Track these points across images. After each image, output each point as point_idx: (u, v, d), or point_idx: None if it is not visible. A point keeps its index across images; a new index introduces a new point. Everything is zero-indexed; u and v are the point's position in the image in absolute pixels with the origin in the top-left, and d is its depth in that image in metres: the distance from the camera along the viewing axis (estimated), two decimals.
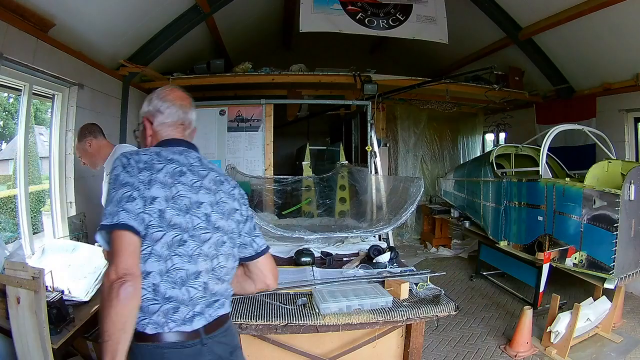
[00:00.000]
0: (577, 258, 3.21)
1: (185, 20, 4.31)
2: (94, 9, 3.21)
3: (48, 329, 1.91)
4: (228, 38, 5.47)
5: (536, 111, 5.77)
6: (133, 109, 4.68)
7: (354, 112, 5.80)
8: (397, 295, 1.95)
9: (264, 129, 4.90)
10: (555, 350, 2.98)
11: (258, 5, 5.51)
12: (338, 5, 4.41)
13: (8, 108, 3.16)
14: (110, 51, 3.84)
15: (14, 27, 2.59)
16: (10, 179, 3.03)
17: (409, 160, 7.23)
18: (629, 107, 4.44)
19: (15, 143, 2.94)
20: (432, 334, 3.31)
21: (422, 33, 4.60)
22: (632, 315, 3.62)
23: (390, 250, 2.57)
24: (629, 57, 4.10)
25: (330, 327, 1.77)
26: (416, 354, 2.06)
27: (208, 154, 4.90)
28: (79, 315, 2.15)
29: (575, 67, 4.86)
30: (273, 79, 4.99)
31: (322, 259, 2.60)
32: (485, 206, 4.37)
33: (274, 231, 2.66)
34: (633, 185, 2.89)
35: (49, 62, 2.99)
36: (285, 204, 4.40)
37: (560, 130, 3.78)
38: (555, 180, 3.63)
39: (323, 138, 8.44)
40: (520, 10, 4.67)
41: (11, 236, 2.89)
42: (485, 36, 5.38)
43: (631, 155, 4.46)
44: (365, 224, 3.59)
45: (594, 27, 4.05)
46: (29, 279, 1.90)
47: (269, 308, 1.84)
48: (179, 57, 4.95)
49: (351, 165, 4.88)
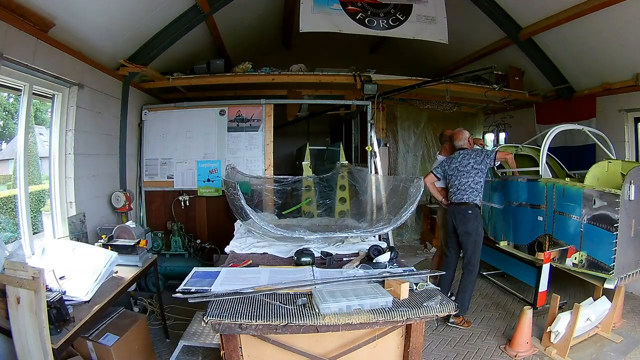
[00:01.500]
0: (577, 258, 3.21)
1: (185, 20, 4.32)
2: (94, 9, 3.21)
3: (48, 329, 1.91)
4: (228, 38, 5.48)
5: (536, 111, 5.77)
6: (133, 109, 4.69)
7: (354, 112, 5.79)
8: (397, 295, 1.95)
9: (264, 129, 4.90)
10: (555, 350, 2.98)
11: (258, 5, 5.51)
12: (338, 5, 4.41)
13: (8, 108, 3.16)
14: (110, 51, 3.84)
15: (14, 27, 2.60)
16: (10, 179, 3.03)
17: (409, 160, 7.22)
18: (629, 107, 4.44)
19: (15, 143, 2.94)
20: (432, 334, 3.32)
21: (422, 33, 4.61)
22: (632, 315, 3.62)
23: (390, 250, 2.57)
24: (629, 57, 4.10)
25: (330, 327, 1.77)
26: (416, 354, 2.05)
27: (208, 154, 4.91)
28: (79, 315, 2.15)
29: (575, 67, 4.86)
30: (273, 79, 4.99)
31: (322, 259, 2.59)
32: (486, 206, 4.37)
33: (274, 231, 2.65)
34: (633, 185, 2.89)
35: (49, 62, 2.99)
36: (285, 204, 4.40)
37: (560, 130, 3.79)
38: (555, 180, 3.63)
39: (323, 138, 8.44)
40: (520, 10, 4.67)
41: (11, 236, 2.89)
42: (485, 36, 5.38)
43: (631, 155, 4.46)
44: (365, 224, 3.59)
45: (594, 27, 4.05)
46: (29, 279, 1.90)
47: (269, 308, 1.83)
48: (179, 57, 4.96)
49: (351, 165, 4.87)
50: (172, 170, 4.91)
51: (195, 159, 4.90)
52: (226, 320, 1.73)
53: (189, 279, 2.16)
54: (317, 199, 4.49)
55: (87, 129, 3.69)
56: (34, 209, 3.07)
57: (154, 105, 5.08)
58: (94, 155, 3.89)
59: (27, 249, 2.80)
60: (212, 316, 1.74)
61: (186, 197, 4.83)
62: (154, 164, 4.92)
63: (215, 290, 1.99)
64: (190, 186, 4.90)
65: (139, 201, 4.85)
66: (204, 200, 4.90)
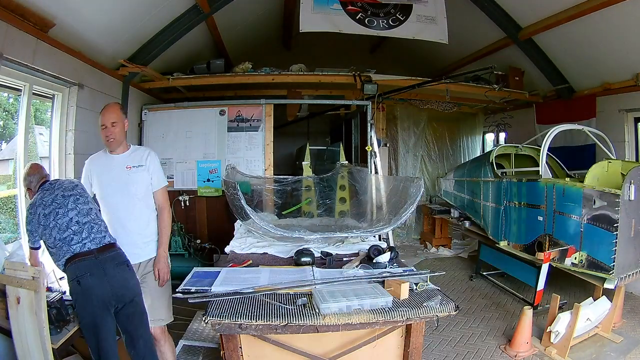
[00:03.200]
0: (577, 258, 3.21)
1: (185, 20, 4.32)
2: (94, 9, 3.21)
3: (48, 329, 1.91)
4: (228, 38, 5.47)
5: (536, 111, 5.77)
6: (133, 109, 4.69)
7: (354, 112, 5.80)
8: (397, 295, 1.95)
9: (264, 129, 4.90)
10: (555, 350, 2.98)
11: (258, 5, 5.51)
12: (338, 5, 4.41)
13: (8, 108, 3.16)
14: (110, 51, 3.84)
15: (14, 27, 2.59)
16: (10, 179, 3.03)
17: (409, 160, 7.23)
18: (629, 107, 4.44)
19: (15, 143, 2.94)
20: (432, 334, 3.31)
21: (422, 33, 4.60)
22: (632, 315, 3.62)
23: (390, 250, 2.57)
24: (629, 57, 4.10)
25: (330, 327, 1.77)
26: (416, 354, 2.06)
27: (208, 154, 4.91)
28: None
29: (575, 67, 4.86)
30: (273, 79, 4.99)
31: (322, 259, 2.59)
32: (485, 206, 4.37)
33: (274, 231, 2.65)
34: (633, 185, 2.89)
35: (49, 62, 2.99)
36: (285, 204, 4.40)
37: (560, 130, 3.78)
38: (555, 180, 3.63)
39: (323, 138, 8.45)
40: (520, 10, 4.67)
41: (11, 236, 2.89)
42: (485, 36, 5.38)
43: (631, 155, 4.46)
44: (365, 224, 3.59)
45: (593, 27, 4.05)
46: (29, 279, 1.90)
47: (269, 308, 1.83)
48: (179, 57, 4.96)
49: (351, 165, 4.87)
50: (172, 170, 4.91)
51: (195, 159, 4.90)
52: (226, 320, 1.73)
53: (189, 279, 2.16)
54: (317, 199, 4.50)
55: (87, 129, 3.69)
56: None
57: (154, 105, 5.08)
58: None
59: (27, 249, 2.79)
60: (212, 316, 1.74)
61: (186, 197, 4.83)
62: None
63: (215, 290, 1.99)
64: (190, 186, 4.90)
65: None
66: (204, 200, 4.90)
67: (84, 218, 2.10)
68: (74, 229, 2.05)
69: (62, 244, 2.01)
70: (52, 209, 2.06)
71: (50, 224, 2.03)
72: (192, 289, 2.02)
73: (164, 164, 4.89)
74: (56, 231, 2.03)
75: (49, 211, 2.05)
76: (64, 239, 2.02)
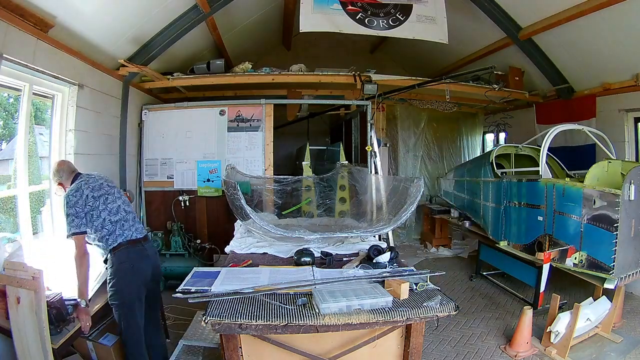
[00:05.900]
0: (577, 258, 3.21)
1: (185, 20, 4.31)
2: (94, 9, 3.21)
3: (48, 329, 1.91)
4: (228, 38, 5.47)
5: (536, 111, 5.77)
6: (133, 109, 4.69)
7: (354, 112, 5.79)
8: (397, 295, 1.95)
9: (264, 129, 4.90)
10: (555, 350, 2.98)
11: (258, 5, 5.51)
12: (338, 5, 4.40)
13: (8, 108, 3.15)
14: (110, 51, 3.84)
15: (14, 27, 2.59)
16: (10, 179, 3.03)
17: (409, 160, 7.23)
18: (629, 107, 4.44)
19: (15, 143, 2.94)
20: (432, 334, 3.31)
21: (422, 33, 4.60)
22: (632, 315, 3.62)
23: (390, 250, 2.57)
24: (629, 57, 4.10)
25: (330, 327, 1.77)
26: (416, 354, 2.06)
27: (208, 154, 4.91)
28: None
29: (575, 67, 4.86)
30: (273, 79, 4.99)
31: (322, 259, 2.59)
32: (485, 206, 4.37)
33: (274, 231, 2.65)
34: (633, 185, 2.89)
35: (49, 62, 2.99)
36: (285, 204, 4.40)
37: (560, 130, 3.78)
38: (555, 180, 3.63)
39: (323, 138, 8.44)
40: (520, 10, 4.67)
41: (11, 236, 2.89)
42: (485, 36, 5.38)
43: (631, 155, 4.46)
44: (365, 224, 3.59)
45: (593, 27, 4.05)
46: (29, 279, 1.90)
47: (269, 308, 1.83)
48: (179, 57, 4.96)
49: (351, 165, 4.87)
50: (172, 170, 4.91)
51: (195, 159, 4.90)
52: (226, 320, 1.73)
53: (189, 279, 2.16)
54: (317, 199, 4.50)
55: (87, 129, 3.69)
56: (34, 209, 3.07)
57: (154, 105, 5.08)
58: (94, 155, 3.88)
59: (27, 249, 2.79)
60: (212, 316, 1.74)
61: (186, 197, 4.83)
62: (154, 164, 4.92)
63: (215, 290, 1.99)
64: (190, 186, 4.90)
65: (139, 201, 4.85)
66: (203, 200, 4.90)
67: (128, 207, 2.48)
68: (123, 215, 2.39)
69: (113, 227, 2.32)
70: (102, 193, 2.36)
71: (100, 207, 2.31)
72: (192, 289, 2.02)
73: (164, 164, 4.91)
74: (106, 213, 2.33)
75: (99, 194, 2.34)
76: (116, 221, 2.34)
